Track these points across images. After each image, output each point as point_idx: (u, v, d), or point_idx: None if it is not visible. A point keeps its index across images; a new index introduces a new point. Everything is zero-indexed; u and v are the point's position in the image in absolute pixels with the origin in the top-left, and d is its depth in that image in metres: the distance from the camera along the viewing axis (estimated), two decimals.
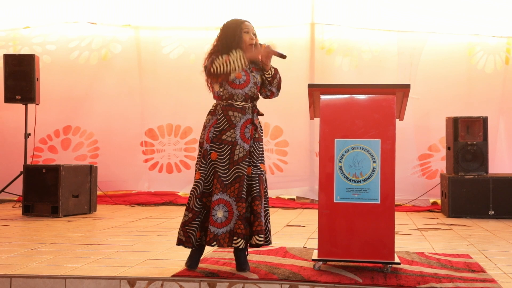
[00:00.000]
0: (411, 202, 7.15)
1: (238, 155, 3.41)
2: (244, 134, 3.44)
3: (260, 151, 3.50)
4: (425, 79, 7.32)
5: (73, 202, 6.23)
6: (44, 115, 7.23)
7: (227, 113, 3.43)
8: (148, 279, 3.27)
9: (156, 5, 7.72)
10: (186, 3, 7.69)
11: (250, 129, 3.46)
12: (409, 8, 7.40)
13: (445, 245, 4.59)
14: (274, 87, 3.62)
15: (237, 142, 3.41)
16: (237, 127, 3.42)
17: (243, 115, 3.45)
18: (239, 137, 3.42)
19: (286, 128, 7.60)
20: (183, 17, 7.67)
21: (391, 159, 3.48)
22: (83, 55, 7.79)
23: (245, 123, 3.45)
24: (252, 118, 3.48)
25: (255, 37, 3.57)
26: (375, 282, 3.21)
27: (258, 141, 3.51)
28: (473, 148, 6.47)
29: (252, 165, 3.45)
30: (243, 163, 3.41)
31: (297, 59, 7.54)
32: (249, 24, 3.58)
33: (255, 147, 3.48)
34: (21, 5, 7.78)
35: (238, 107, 3.45)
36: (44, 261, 3.73)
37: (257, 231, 3.38)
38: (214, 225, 3.34)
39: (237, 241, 3.35)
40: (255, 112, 3.53)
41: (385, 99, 3.52)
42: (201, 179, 3.40)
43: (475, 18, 7.30)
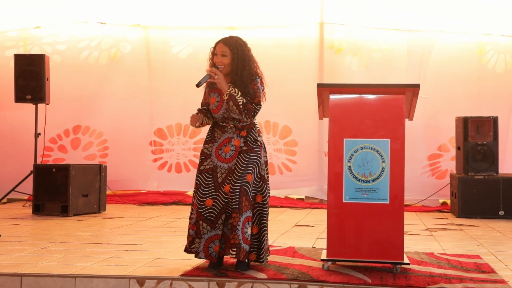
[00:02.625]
0: (420, 202, 7.11)
1: (205, 166, 3.47)
2: (219, 151, 3.46)
3: (246, 162, 3.43)
4: (435, 78, 7.29)
5: (82, 201, 6.25)
6: (54, 115, 7.26)
7: (213, 129, 3.55)
8: (157, 278, 3.28)
9: (165, 5, 7.74)
10: (195, 3, 7.70)
11: (228, 148, 3.45)
12: (419, 7, 7.37)
13: (455, 246, 4.56)
14: (233, 114, 3.46)
15: (210, 155, 3.48)
16: (216, 142, 3.50)
17: (223, 134, 3.50)
18: (213, 151, 3.48)
19: (295, 127, 7.59)
20: (192, 17, 7.68)
21: (400, 159, 3.46)
22: (93, 55, 7.82)
23: (223, 142, 3.48)
24: (231, 138, 3.47)
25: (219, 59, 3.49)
26: (384, 283, 3.20)
27: (245, 153, 3.45)
28: (483, 148, 6.43)
29: (232, 182, 3.41)
30: (206, 174, 3.45)
31: (306, 58, 7.53)
32: (219, 44, 3.50)
33: (241, 159, 3.44)
34: (32, 5, 7.82)
35: (220, 125, 3.53)
36: (54, 260, 3.75)
37: (231, 244, 3.37)
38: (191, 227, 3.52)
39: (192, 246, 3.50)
40: (237, 132, 3.47)
41: (394, 98, 3.51)
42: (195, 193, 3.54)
43: (486, 18, 7.25)
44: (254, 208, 3.47)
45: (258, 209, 3.49)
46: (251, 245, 3.46)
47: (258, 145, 3.51)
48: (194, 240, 3.44)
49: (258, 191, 3.49)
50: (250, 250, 3.46)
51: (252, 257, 3.47)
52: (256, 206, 3.48)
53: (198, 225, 3.42)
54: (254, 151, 3.47)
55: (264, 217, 3.49)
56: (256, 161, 3.47)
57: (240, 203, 3.37)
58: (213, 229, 3.40)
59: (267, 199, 3.51)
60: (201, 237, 3.42)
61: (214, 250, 3.40)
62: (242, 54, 3.51)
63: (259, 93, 3.48)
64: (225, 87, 3.44)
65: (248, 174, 3.42)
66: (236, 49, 3.49)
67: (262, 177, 3.50)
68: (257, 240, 3.48)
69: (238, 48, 3.50)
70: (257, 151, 3.48)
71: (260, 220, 3.49)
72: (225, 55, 3.48)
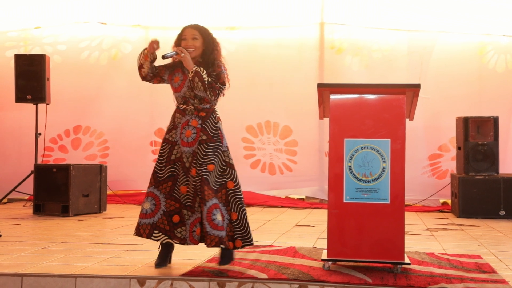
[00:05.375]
0: (421, 202, 7.11)
1: (175, 155, 3.52)
2: (181, 136, 3.51)
3: (207, 152, 3.46)
4: (436, 78, 7.29)
5: (83, 202, 6.26)
6: (55, 115, 7.26)
7: (174, 115, 3.59)
8: (158, 278, 3.28)
9: (166, 5, 7.75)
10: (196, 3, 7.70)
11: (189, 131, 3.49)
12: (419, 7, 7.37)
13: (456, 246, 4.56)
14: (197, 91, 3.47)
15: (177, 142, 3.52)
16: (178, 128, 3.54)
17: (183, 117, 3.54)
18: (179, 137, 3.52)
19: (295, 127, 7.59)
20: (192, 17, 7.65)
21: (401, 159, 3.46)
22: (93, 55, 7.83)
23: (183, 124, 3.52)
24: (189, 120, 3.50)
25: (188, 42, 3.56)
26: (385, 283, 3.20)
27: (205, 142, 3.48)
28: (484, 148, 6.43)
29: (197, 167, 3.44)
30: (178, 163, 3.50)
31: (306, 59, 7.53)
32: (188, 29, 3.59)
33: (201, 149, 3.47)
34: (32, 6, 7.83)
35: (180, 109, 3.57)
36: (54, 260, 3.75)
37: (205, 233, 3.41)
38: (140, 216, 3.53)
39: (157, 235, 3.49)
40: (196, 113, 3.51)
41: (395, 98, 3.51)
42: None
43: (486, 18, 7.25)
44: (228, 196, 3.50)
45: (232, 195, 3.51)
46: (234, 232, 3.48)
47: (218, 132, 3.53)
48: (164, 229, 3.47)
49: (227, 178, 3.52)
50: (235, 237, 3.48)
51: (238, 243, 3.48)
52: (230, 193, 3.51)
53: (182, 214, 3.47)
54: (214, 140, 3.50)
55: (240, 202, 3.52)
56: (218, 149, 3.50)
57: (202, 193, 3.40)
58: (193, 213, 3.45)
59: (238, 183, 3.54)
60: (185, 224, 3.46)
61: (197, 234, 3.41)
62: (212, 38, 3.60)
63: (223, 75, 3.55)
64: (191, 65, 3.49)
65: (209, 164, 3.45)
66: (206, 33, 3.60)
67: (227, 163, 3.53)
68: (239, 225, 3.50)
69: (207, 32, 3.62)
70: (217, 139, 3.51)
71: (237, 206, 3.51)
72: (196, 38, 3.57)
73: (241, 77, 7.57)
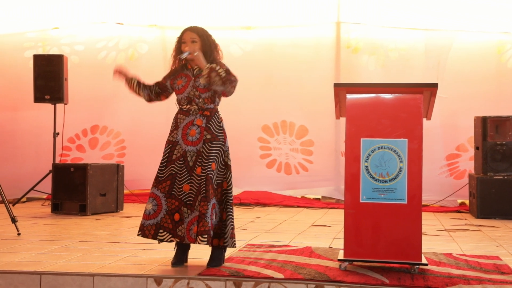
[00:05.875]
0: (438, 202, 7.06)
1: (176, 155, 3.57)
2: (186, 136, 3.55)
3: (211, 152, 3.52)
4: (453, 77, 7.22)
5: (100, 201, 6.30)
6: (72, 115, 7.33)
7: (177, 116, 3.64)
8: (175, 277, 3.30)
9: (181, 5, 7.77)
10: (212, 3, 7.72)
11: (193, 130, 3.55)
12: (436, 6, 7.31)
13: (474, 246, 4.52)
14: (216, 86, 3.51)
15: (178, 142, 3.58)
16: (179, 128, 3.59)
17: (186, 117, 3.59)
18: (180, 137, 3.57)
19: (311, 127, 7.57)
20: (208, 17, 7.69)
21: (418, 159, 3.44)
22: (110, 55, 7.88)
23: (187, 124, 3.57)
24: (193, 119, 3.56)
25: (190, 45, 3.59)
26: (402, 283, 3.18)
27: (209, 141, 3.53)
28: (503, 148, 6.36)
29: (202, 165, 3.51)
30: (178, 162, 3.55)
31: (322, 58, 7.51)
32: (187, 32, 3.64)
33: (205, 148, 3.53)
34: (50, 6, 7.91)
35: (184, 110, 3.63)
36: (72, 259, 3.78)
37: (200, 231, 3.41)
38: (143, 217, 3.56)
39: (162, 234, 3.52)
40: (200, 113, 3.57)
41: (412, 98, 3.49)
42: None
43: (505, 16, 7.17)
44: (222, 195, 3.57)
45: (225, 195, 3.59)
46: (221, 230, 3.56)
47: (222, 131, 3.60)
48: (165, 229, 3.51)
49: (223, 179, 3.59)
50: (221, 235, 3.55)
51: (214, 242, 3.53)
52: (224, 193, 3.58)
53: (181, 212, 3.50)
54: (218, 138, 3.56)
55: (229, 203, 3.60)
56: (220, 149, 3.56)
57: (207, 191, 3.45)
58: (192, 212, 3.49)
59: (231, 185, 3.63)
60: (183, 222, 3.50)
61: (193, 232, 3.45)
62: (210, 40, 3.65)
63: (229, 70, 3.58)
64: (204, 63, 3.54)
65: (213, 163, 3.52)
66: (205, 35, 3.64)
67: (226, 164, 3.61)
68: (223, 225, 3.56)
69: (205, 34, 3.64)
70: (221, 138, 3.58)
71: (226, 207, 3.58)
72: (195, 41, 3.61)
73: (257, 77, 7.58)
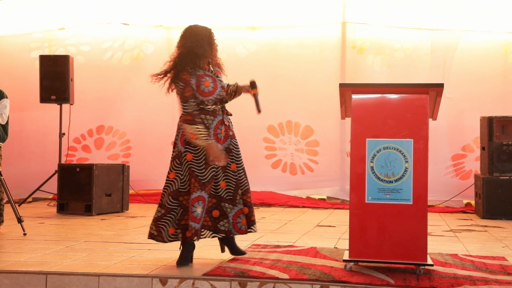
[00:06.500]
0: (444, 203, 7.03)
1: None
2: (217, 135, 3.63)
3: (237, 147, 3.74)
4: (459, 77, 7.19)
5: (106, 201, 6.32)
6: (78, 115, 7.35)
7: (201, 117, 3.59)
8: (180, 277, 3.30)
9: (187, 6, 7.78)
10: (217, 3, 7.72)
11: (222, 129, 3.65)
12: (442, 6, 7.28)
13: (480, 247, 4.50)
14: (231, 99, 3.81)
15: None
16: (210, 129, 3.59)
17: (215, 118, 3.62)
18: (212, 138, 3.59)
19: (316, 127, 7.57)
20: (214, 17, 7.70)
21: (423, 159, 3.43)
22: (116, 56, 7.90)
23: (217, 124, 3.63)
24: (223, 118, 3.67)
25: None
26: (407, 284, 3.17)
27: (233, 137, 3.73)
28: (509, 148, 6.33)
29: (235, 161, 3.69)
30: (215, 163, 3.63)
31: (328, 58, 7.50)
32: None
33: (233, 144, 3.71)
34: (56, 7, 7.93)
35: (209, 110, 3.62)
36: (78, 259, 3.80)
37: (251, 221, 3.68)
38: (194, 221, 3.53)
39: (203, 233, 3.61)
40: (225, 113, 3.71)
41: (417, 98, 3.48)
42: (176, 179, 3.62)
43: (511, 16, 7.13)
44: None
45: None
46: None
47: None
48: (200, 230, 3.57)
49: None
50: None
51: None
52: None
53: (221, 208, 3.63)
54: (235, 135, 3.76)
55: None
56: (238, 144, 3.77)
57: (248, 183, 3.71)
58: (235, 206, 3.64)
59: None
60: (227, 217, 3.64)
61: (243, 224, 3.65)
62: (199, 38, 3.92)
63: None
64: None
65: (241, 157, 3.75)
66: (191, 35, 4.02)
67: None
68: None
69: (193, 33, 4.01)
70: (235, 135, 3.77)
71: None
72: None
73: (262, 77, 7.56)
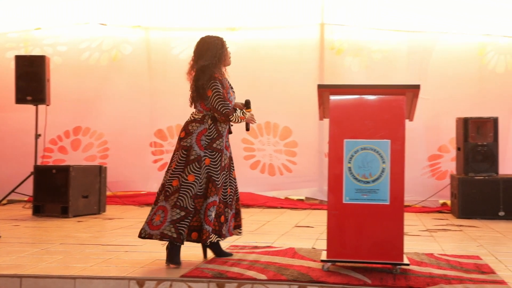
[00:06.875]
0: (420, 203, 7.11)
1: (224, 162, 3.77)
2: (226, 143, 3.82)
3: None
4: (436, 79, 7.28)
5: (82, 203, 6.25)
6: (55, 116, 7.26)
7: (216, 123, 3.74)
8: (157, 279, 3.28)
9: (166, 6, 7.74)
10: (196, 4, 7.70)
11: (228, 138, 3.86)
12: (419, 8, 7.36)
13: (455, 246, 4.56)
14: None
15: (223, 150, 3.76)
16: (223, 136, 3.76)
17: (226, 126, 3.81)
18: (223, 145, 3.77)
19: (295, 128, 7.59)
20: (192, 18, 7.68)
21: (400, 160, 3.46)
22: (94, 56, 7.83)
23: (226, 133, 3.82)
24: (229, 128, 3.87)
25: None
26: (384, 283, 3.20)
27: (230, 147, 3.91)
28: (484, 148, 6.43)
29: (234, 169, 3.91)
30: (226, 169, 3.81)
31: (306, 59, 7.53)
32: None
33: (231, 152, 3.90)
34: (32, 7, 7.82)
35: None
36: (53, 261, 3.75)
37: (239, 225, 3.92)
38: (209, 224, 3.64)
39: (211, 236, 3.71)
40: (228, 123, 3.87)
41: (395, 99, 3.51)
42: (195, 182, 3.65)
43: (486, 18, 7.25)
44: None
45: None
46: None
47: None
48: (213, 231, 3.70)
49: None
50: None
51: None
52: None
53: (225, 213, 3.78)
54: None
55: None
56: None
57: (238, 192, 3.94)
58: (231, 210, 3.84)
59: None
60: (227, 221, 3.78)
61: (232, 226, 3.86)
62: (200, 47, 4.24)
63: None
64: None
65: None
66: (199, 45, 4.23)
67: None
68: None
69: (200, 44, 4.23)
70: None
71: None
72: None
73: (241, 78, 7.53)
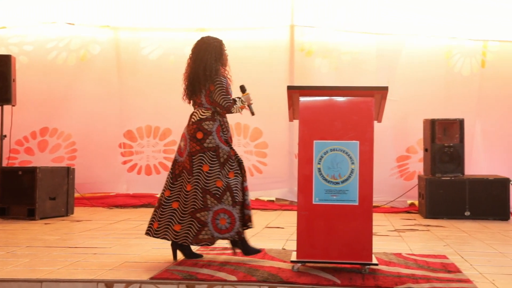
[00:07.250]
0: (389, 203, 7.20)
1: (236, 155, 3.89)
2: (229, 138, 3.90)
3: None
4: (404, 81, 7.39)
5: (50, 205, 6.15)
6: (21, 117, 7.13)
7: (223, 118, 3.85)
8: (126, 281, 3.25)
9: (135, 6, 7.67)
10: (166, 4, 7.65)
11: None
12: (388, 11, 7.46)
13: (422, 246, 4.63)
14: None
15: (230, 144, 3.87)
16: (229, 131, 3.88)
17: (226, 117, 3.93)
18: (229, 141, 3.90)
19: (265, 129, 7.60)
20: (162, 18, 7.63)
21: (369, 161, 3.50)
22: (61, 56, 7.71)
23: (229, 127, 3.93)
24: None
25: None
26: (353, 283, 3.23)
27: None
28: (450, 150, 6.55)
29: None
30: None
31: (276, 61, 7.55)
32: None
33: None
34: None
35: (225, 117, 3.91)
36: (20, 265, 3.68)
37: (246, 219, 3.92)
38: (248, 208, 3.84)
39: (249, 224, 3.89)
40: None
41: (363, 101, 3.55)
42: (237, 176, 3.78)
43: (453, 21, 7.38)
44: None
45: None
46: None
47: None
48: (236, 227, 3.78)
49: None
50: None
51: None
52: None
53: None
54: None
55: None
56: None
57: None
58: None
59: None
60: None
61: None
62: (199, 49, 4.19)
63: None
64: None
65: None
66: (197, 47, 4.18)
67: None
68: None
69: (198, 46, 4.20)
70: None
71: None
72: None
73: None
